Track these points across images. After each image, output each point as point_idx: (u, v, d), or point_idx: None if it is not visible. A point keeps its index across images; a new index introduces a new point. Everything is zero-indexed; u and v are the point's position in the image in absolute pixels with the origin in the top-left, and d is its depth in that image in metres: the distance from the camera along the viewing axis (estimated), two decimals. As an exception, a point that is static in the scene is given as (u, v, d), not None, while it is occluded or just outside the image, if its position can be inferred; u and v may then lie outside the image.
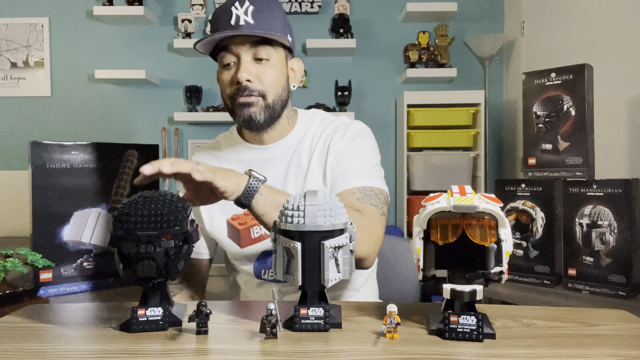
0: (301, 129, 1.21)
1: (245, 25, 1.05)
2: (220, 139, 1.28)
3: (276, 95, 1.11)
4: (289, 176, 1.17)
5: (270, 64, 1.10)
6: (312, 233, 0.75)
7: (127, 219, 0.74)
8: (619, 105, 1.93)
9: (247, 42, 1.07)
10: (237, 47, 1.08)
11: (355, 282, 1.24)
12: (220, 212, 1.18)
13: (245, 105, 1.09)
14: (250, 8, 1.05)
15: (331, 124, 1.20)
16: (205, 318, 0.74)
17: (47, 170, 1.35)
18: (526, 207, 1.52)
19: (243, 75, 1.07)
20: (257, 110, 1.09)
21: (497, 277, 0.73)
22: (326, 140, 1.17)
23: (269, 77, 1.10)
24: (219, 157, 1.23)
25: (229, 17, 1.06)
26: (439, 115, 2.78)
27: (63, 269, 1.38)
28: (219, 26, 1.08)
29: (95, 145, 1.43)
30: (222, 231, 1.19)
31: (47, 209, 1.35)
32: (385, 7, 3.03)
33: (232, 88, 1.10)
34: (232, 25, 1.05)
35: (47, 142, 1.36)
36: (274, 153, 1.19)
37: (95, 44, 3.02)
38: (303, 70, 1.21)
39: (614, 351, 0.67)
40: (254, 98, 1.09)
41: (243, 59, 1.08)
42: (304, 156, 1.18)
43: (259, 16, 1.06)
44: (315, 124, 1.21)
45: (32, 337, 0.75)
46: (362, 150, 1.17)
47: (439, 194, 0.76)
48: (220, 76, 1.13)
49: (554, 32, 2.43)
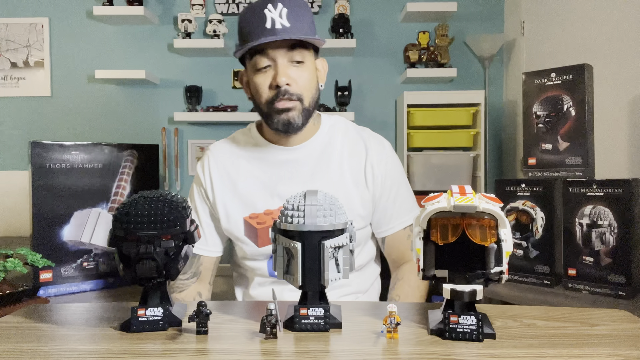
0: (326, 133, 1.21)
1: (282, 28, 1.04)
2: (238, 136, 1.26)
3: (311, 98, 1.12)
4: (317, 179, 1.16)
5: (305, 66, 1.10)
6: (312, 233, 0.75)
7: (127, 219, 0.74)
8: (619, 105, 1.93)
9: (283, 45, 1.07)
10: (273, 50, 1.07)
11: (364, 285, 1.24)
12: (238, 209, 1.18)
13: (284, 110, 1.08)
14: (285, 11, 1.05)
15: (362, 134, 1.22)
16: (205, 318, 0.74)
17: (47, 170, 1.35)
18: (526, 207, 1.52)
19: (282, 80, 1.06)
20: (296, 114, 1.09)
21: (497, 277, 0.73)
22: (358, 152, 1.19)
23: (305, 80, 1.10)
24: (237, 154, 1.22)
25: (263, 20, 1.04)
26: (439, 115, 2.78)
27: (63, 269, 1.38)
28: (252, 30, 1.06)
29: (95, 145, 1.43)
30: (240, 229, 1.18)
31: (47, 209, 1.35)
32: (385, 7, 3.03)
33: (271, 92, 1.09)
34: (269, 29, 1.04)
35: (47, 142, 1.36)
36: (298, 155, 1.18)
37: (95, 44, 3.02)
38: (327, 69, 1.21)
39: (614, 351, 0.67)
40: (293, 102, 1.08)
41: (280, 62, 1.07)
42: (334, 162, 1.18)
43: (293, 18, 1.05)
44: (341, 131, 1.22)
45: (32, 337, 0.75)
46: (402, 183, 1.23)
47: (439, 194, 0.76)
48: (254, 79, 1.11)
49: (554, 32, 2.43)
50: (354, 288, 1.21)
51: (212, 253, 1.23)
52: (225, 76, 3.03)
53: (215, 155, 1.23)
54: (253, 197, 1.17)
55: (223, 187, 1.19)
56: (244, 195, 1.17)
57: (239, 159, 1.21)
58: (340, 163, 1.18)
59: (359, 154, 1.19)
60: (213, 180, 1.20)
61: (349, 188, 1.17)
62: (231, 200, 1.18)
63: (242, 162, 1.20)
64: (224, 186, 1.19)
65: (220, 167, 1.21)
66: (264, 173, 1.18)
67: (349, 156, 1.19)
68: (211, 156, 1.23)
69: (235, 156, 1.21)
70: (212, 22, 2.86)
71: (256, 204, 1.16)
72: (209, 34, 2.89)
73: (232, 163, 1.21)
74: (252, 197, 1.17)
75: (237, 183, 1.18)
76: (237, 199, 1.18)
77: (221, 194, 1.19)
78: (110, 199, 1.45)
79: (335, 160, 1.18)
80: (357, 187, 1.17)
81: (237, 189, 1.18)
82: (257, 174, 1.18)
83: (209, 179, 1.20)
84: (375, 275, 1.30)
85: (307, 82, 1.10)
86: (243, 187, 1.18)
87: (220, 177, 1.20)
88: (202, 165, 1.23)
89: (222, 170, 1.20)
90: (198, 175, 1.23)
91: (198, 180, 1.23)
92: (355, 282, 1.21)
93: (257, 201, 1.16)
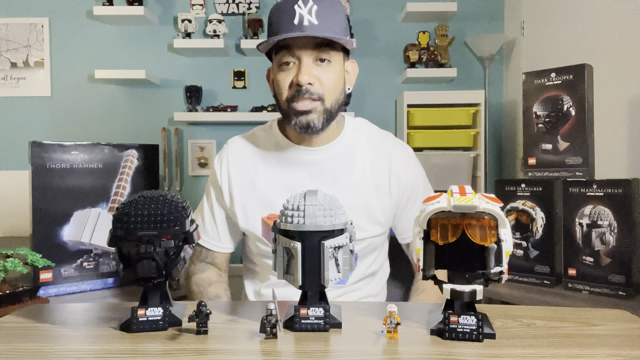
0: (349, 136, 1.18)
1: (309, 25, 1.01)
2: (258, 132, 1.22)
3: (334, 99, 1.09)
4: (338, 183, 1.13)
5: (331, 66, 1.07)
6: (312, 233, 0.75)
7: (127, 219, 0.74)
8: (619, 105, 1.93)
9: (310, 43, 1.04)
10: (299, 48, 1.04)
11: (375, 289, 1.24)
12: (257, 209, 1.15)
13: (304, 112, 1.06)
14: (314, 8, 1.02)
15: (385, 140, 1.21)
16: (205, 318, 0.74)
17: (47, 170, 1.35)
18: (526, 207, 1.52)
19: (304, 78, 1.03)
20: (315, 117, 1.06)
21: (497, 277, 0.73)
22: (381, 159, 1.17)
23: (329, 80, 1.07)
24: (256, 152, 1.18)
25: (292, 16, 1.02)
26: (439, 115, 2.77)
27: (63, 269, 1.38)
28: (280, 25, 1.03)
29: (95, 145, 1.43)
30: (257, 229, 1.15)
31: (47, 209, 1.35)
32: (385, 7, 3.03)
33: (291, 91, 1.06)
34: (296, 25, 1.01)
35: (47, 142, 1.36)
36: (321, 156, 1.15)
37: (95, 44, 3.02)
38: (357, 72, 1.18)
39: (614, 351, 0.67)
40: (314, 103, 1.06)
41: (305, 61, 1.04)
42: (357, 167, 1.15)
43: (323, 17, 1.02)
44: (364, 136, 1.20)
45: (32, 337, 0.75)
46: (427, 188, 1.23)
47: (439, 194, 0.76)
48: (277, 76, 1.08)
49: (554, 32, 2.43)
50: (366, 292, 1.21)
51: (225, 250, 1.22)
52: (225, 76, 3.03)
53: (233, 151, 1.19)
54: (272, 198, 1.14)
55: (242, 186, 1.16)
56: (263, 195, 1.15)
57: (258, 157, 1.18)
58: (363, 168, 1.16)
59: (382, 161, 1.17)
60: (231, 178, 1.17)
61: (370, 194, 1.15)
62: (249, 199, 1.15)
63: (261, 161, 1.17)
64: (242, 185, 1.16)
65: (239, 165, 1.18)
66: (284, 174, 1.16)
67: (372, 162, 1.16)
68: (230, 152, 1.19)
69: (253, 154, 1.18)
70: (212, 22, 2.86)
71: (275, 205, 1.13)
72: (209, 34, 2.89)
73: (250, 161, 1.18)
74: (270, 197, 1.14)
75: (256, 182, 1.16)
76: (256, 198, 1.15)
77: (239, 192, 1.16)
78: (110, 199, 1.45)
79: (358, 165, 1.16)
80: (378, 194, 1.15)
81: (255, 187, 1.15)
82: (277, 173, 1.16)
83: (227, 177, 1.17)
84: (385, 278, 1.29)
85: (332, 83, 1.07)
86: (262, 186, 1.15)
87: (239, 175, 1.17)
88: (220, 162, 1.20)
89: (241, 168, 1.17)
90: (214, 173, 1.20)
91: (214, 178, 1.20)
92: (368, 287, 1.21)
93: (276, 202, 1.12)
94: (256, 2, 2.96)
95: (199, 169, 3.01)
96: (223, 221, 1.20)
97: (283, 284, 1.18)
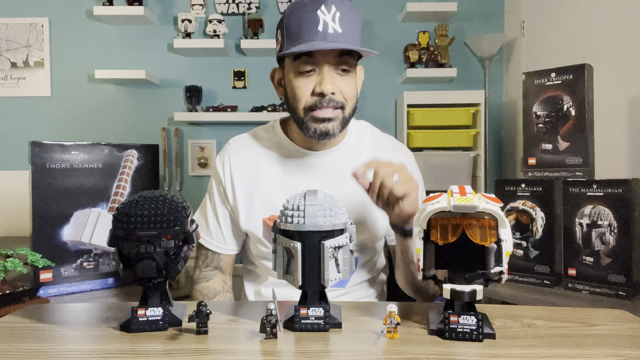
0: (353, 139, 1.18)
1: (334, 34, 0.99)
2: (260, 132, 1.21)
3: (352, 107, 1.08)
4: (341, 187, 1.12)
5: (350, 75, 1.06)
6: (312, 233, 0.75)
7: (127, 219, 0.74)
8: (619, 105, 1.93)
9: (333, 52, 1.02)
10: (322, 56, 1.02)
11: (377, 288, 1.24)
12: (258, 209, 1.14)
13: (325, 120, 1.04)
14: (337, 14, 1.00)
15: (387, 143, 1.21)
16: (205, 318, 0.74)
17: (47, 170, 1.35)
18: (526, 207, 1.52)
19: (328, 87, 1.02)
20: (335, 125, 1.05)
21: (497, 277, 0.73)
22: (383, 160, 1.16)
23: (350, 89, 1.06)
24: (258, 152, 1.18)
25: (316, 22, 0.99)
26: (439, 115, 2.78)
27: (63, 269, 1.38)
28: (302, 31, 1.00)
29: (95, 145, 1.43)
30: (258, 229, 1.15)
31: (47, 209, 1.35)
32: (385, 7, 3.03)
33: (312, 99, 1.04)
34: (320, 32, 0.99)
35: (47, 142, 1.36)
36: (325, 160, 1.15)
37: (95, 44, 3.02)
38: (363, 78, 1.18)
39: (614, 351, 0.67)
40: (335, 112, 1.05)
41: (328, 69, 1.03)
42: None
43: (346, 24, 1.01)
44: (367, 139, 1.20)
45: (32, 337, 0.75)
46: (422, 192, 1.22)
47: (439, 194, 0.76)
48: (295, 82, 1.06)
49: (554, 32, 2.43)
50: (366, 293, 1.21)
51: (230, 251, 1.21)
52: (225, 76, 3.03)
53: (235, 150, 1.19)
54: (273, 199, 1.13)
55: (244, 186, 1.16)
56: (264, 195, 1.14)
57: (260, 157, 1.17)
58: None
59: None
60: (234, 177, 1.16)
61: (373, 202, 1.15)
62: (251, 199, 1.15)
63: (263, 161, 1.16)
64: (244, 184, 1.16)
65: (241, 164, 1.17)
66: (286, 175, 1.15)
67: None
68: (232, 151, 1.19)
69: (256, 153, 1.17)
70: (212, 22, 2.86)
71: (276, 206, 1.10)
72: (209, 34, 2.89)
73: (253, 161, 1.17)
74: (272, 198, 1.13)
75: (258, 182, 1.15)
76: (257, 199, 1.14)
77: (242, 192, 1.15)
78: (110, 199, 1.45)
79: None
80: None
81: (257, 188, 1.15)
82: (279, 175, 1.15)
83: (229, 176, 1.17)
84: (385, 279, 1.29)
85: (352, 92, 1.07)
86: (264, 186, 1.15)
87: (241, 174, 1.16)
88: (222, 161, 1.19)
89: (243, 167, 1.17)
90: (217, 172, 1.19)
91: (217, 177, 1.19)
92: (368, 289, 1.21)
93: (278, 203, 1.10)
94: (256, 2, 2.96)
95: (199, 169, 3.01)
96: (227, 222, 1.19)
97: (283, 284, 1.19)
